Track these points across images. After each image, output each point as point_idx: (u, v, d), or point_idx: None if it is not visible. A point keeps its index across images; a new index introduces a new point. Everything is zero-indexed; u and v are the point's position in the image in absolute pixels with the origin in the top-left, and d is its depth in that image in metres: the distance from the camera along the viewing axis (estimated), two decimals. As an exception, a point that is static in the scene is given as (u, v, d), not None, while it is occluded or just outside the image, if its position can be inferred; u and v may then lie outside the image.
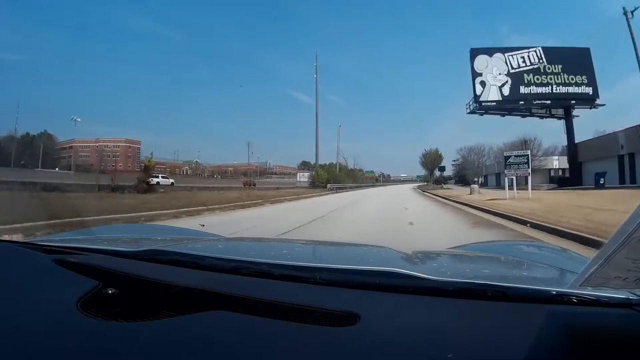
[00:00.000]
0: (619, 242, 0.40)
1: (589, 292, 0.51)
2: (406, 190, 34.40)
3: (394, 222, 7.26)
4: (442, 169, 63.13)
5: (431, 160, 58.42)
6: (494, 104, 27.99)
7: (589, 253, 1.73)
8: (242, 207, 10.73)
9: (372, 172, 79.29)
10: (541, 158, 40.48)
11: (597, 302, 0.51)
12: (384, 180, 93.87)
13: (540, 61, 26.79)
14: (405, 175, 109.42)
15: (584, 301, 0.52)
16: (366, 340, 0.48)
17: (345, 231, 6.16)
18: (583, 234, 4.69)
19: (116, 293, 0.64)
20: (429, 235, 5.76)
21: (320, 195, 22.11)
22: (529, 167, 13.95)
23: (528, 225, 6.29)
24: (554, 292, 0.54)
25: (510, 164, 14.24)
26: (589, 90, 26.29)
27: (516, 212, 7.91)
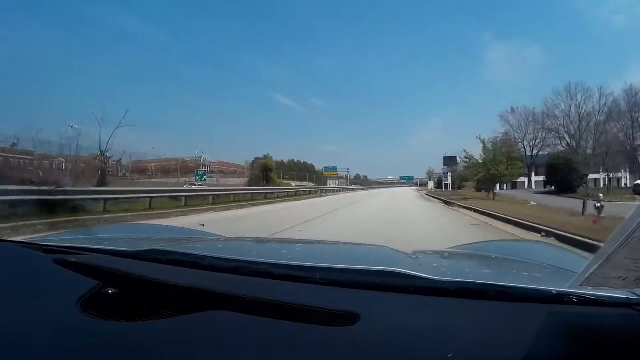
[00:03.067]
0: (619, 242, 0.40)
1: (589, 292, 0.51)
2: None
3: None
4: (453, 160, 45.22)
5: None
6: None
7: None
8: None
9: (333, 169, 55.79)
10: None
11: (597, 302, 0.51)
12: (359, 182, 74.64)
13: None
14: (392, 177, 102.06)
15: (584, 301, 0.52)
16: (366, 340, 0.48)
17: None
18: None
19: (116, 293, 0.64)
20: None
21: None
22: None
23: None
24: (554, 292, 0.54)
25: None
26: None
27: None
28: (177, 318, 0.55)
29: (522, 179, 33.40)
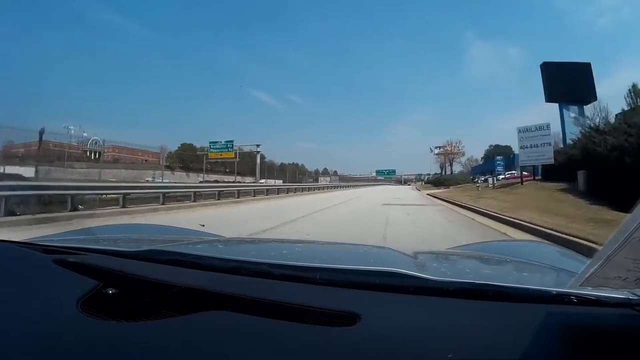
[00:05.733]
0: (619, 242, 0.40)
1: (589, 292, 0.51)
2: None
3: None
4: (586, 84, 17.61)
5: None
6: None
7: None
8: None
9: (226, 147, 32.78)
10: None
11: (597, 302, 0.51)
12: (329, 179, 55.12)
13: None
14: (375, 175, 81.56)
15: (584, 301, 0.52)
16: (366, 340, 0.48)
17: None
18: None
19: (116, 293, 0.64)
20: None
21: None
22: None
23: None
24: (554, 292, 0.54)
25: None
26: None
27: None
28: (177, 318, 0.55)
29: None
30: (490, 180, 21.55)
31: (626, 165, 8.38)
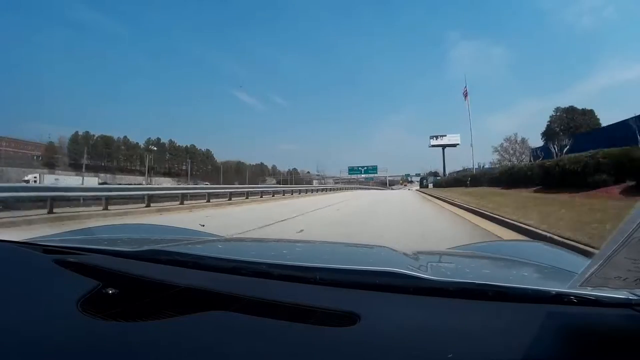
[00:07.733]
0: (619, 242, 0.40)
1: (589, 292, 0.51)
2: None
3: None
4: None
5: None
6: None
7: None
8: None
9: None
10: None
11: (597, 302, 0.51)
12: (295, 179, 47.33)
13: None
14: (347, 173, 66.78)
15: (584, 301, 0.52)
16: (366, 340, 0.48)
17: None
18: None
19: (116, 293, 0.64)
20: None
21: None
22: None
23: None
24: (554, 292, 0.54)
25: None
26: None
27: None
28: (177, 318, 0.55)
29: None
30: None
31: None
